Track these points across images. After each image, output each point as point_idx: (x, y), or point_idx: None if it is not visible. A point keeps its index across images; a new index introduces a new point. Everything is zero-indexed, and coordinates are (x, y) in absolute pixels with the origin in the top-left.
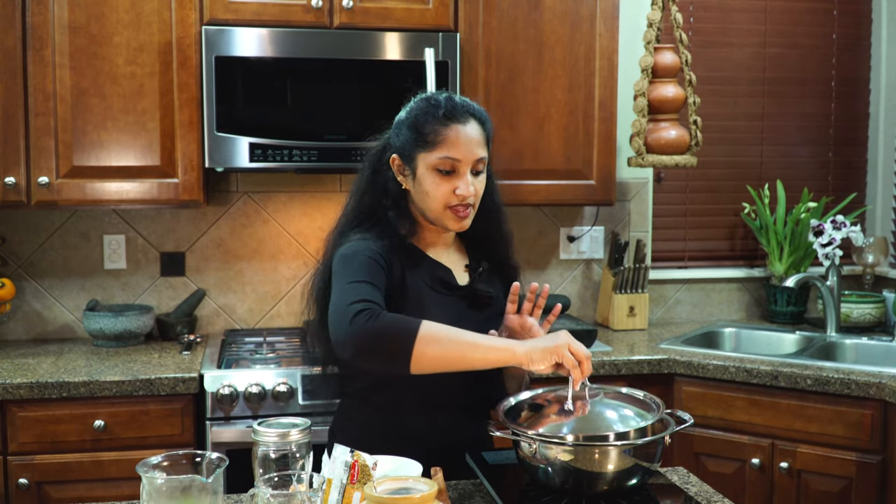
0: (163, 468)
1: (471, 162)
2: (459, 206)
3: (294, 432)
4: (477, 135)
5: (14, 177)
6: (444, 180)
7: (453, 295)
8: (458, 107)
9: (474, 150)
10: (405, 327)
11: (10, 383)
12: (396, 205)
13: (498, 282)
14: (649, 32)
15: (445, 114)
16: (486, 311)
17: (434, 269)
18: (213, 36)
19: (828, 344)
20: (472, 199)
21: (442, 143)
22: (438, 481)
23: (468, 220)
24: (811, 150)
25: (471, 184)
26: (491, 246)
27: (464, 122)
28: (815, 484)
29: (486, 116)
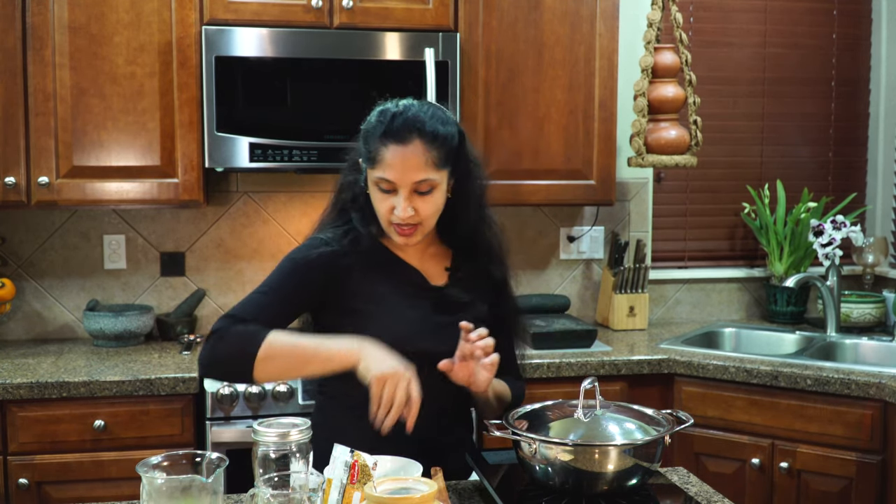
0: (163, 468)
1: (408, 184)
2: (401, 225)
3: (294, 432)
4: (417, 155)
5: (14, 177)
6: (385, 197)
7: (422, 297)
8: (403, 125)
9: (411, 173)
10: (244, 349)
11: (10, 383)
12: (362, 208)
13: (479, 288)
14: (649, 32)
15: (386, 132)
16: (456, 315)
17: (401, 270)
18: (213, 36)
19: (828, 344)
20: (415, 218)
21: (380, 162)
22: (438, 481)
23: (416, 238)
24: (811, 150)
25: (409, 205)
26: (471, 254)
27: (405, 141)
28: (815, 484)
29: (444, 135)
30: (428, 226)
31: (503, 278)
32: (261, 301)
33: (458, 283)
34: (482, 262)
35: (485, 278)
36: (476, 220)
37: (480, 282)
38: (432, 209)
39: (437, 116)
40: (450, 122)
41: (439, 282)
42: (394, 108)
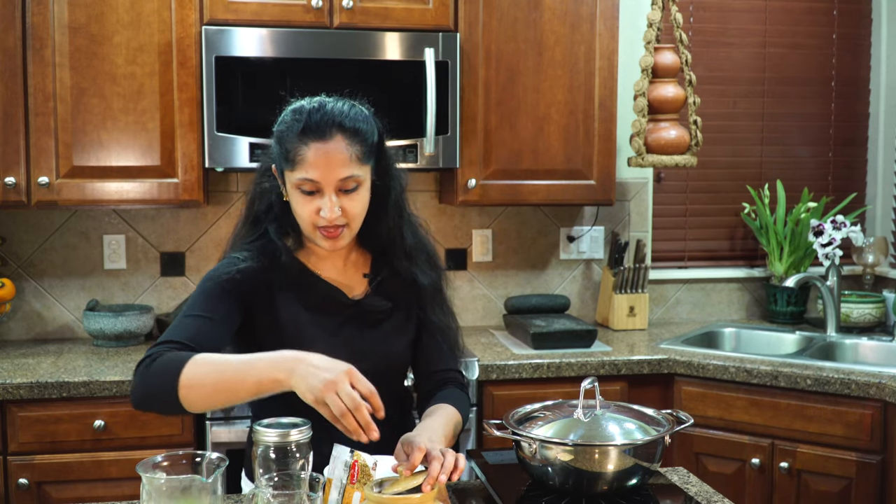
0: (163, 468)
1: (332, 182)
2: (328, 227)
3: (294, 432)
4: (341, 151)
5: (14, 177)
6: (308, 200)
7: (341, 314)
8: (321, 121)
9: (336, 170)
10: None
11: (10, 383)
12: (278, 218)
13: (401, 293)
14: (649, 32)
15: (304, 129)
16: (381, 325)
17: (319, 288)
18: (213, 36)
19: (828, 344)
20: (342, 219)
21: (301, 162)
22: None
23: (342, 241)
24: (811, 150)
25: (336, 205)
26: (389, 257)
27: (325, 138)
28: (815, 484)
29: (365, 128)
30: (355, 227)
31: (431, 283)
32: (189, 323)
33: (379, 289)
34: (404, 268)
35: (409, 282)
36: (397, 219)
37: (404, 286)
38: (359, 207)
39: (355, 111)
40: (369, 117)
41: (358, 292)
42: (309, 105)
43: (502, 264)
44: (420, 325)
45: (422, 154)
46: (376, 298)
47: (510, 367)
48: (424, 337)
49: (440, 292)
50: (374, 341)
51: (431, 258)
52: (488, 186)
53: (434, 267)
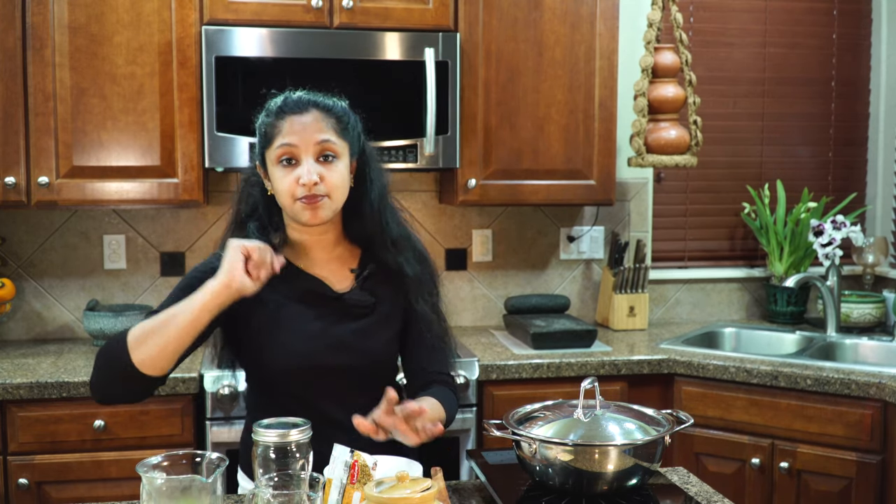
0: (163, 468)
1: (309, 146)
2: (307, 196)
3: (294, 432)
4: (316, 121)
5: (14, 177)
6: (288, 171)
7: (324, 306)
8: (296, 100)
9: (312, 134)
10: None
11: (10, 383)
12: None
13: (389, 287)
14: (649, 32)
15: (279, 108)
16: (363, 319)
17: (301, 281)
18: (213, 36)
19: (828, 344)
20: (321, 187)
21: (277, 134)
22: (438, 481)
23: (324, 212)
24: (811, 150)
25: (314, 171)
26: (376, 249)
27: (300, 112)
28: (815, 484)
29: (339, 109)
30: (336, 200)
31: (417, 275)
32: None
33: (364, 284)
34: (390, 258)
35: (397, 274)
36: (379, 211)
37: (392, 280)
38: (338, 179)
39: (330, 98)
40: (345, 105)
41: (343, 286)
42: (286, 94)
43: (502, 264)
44: (407, 319)
45: (422, 154)
46: (360, 293)
47: (510, 367)
48: (413, 332)
49: (428, 286)
50: (356, 335)
51: (418, 251)
52: (488, 186)
53: (421, 260)
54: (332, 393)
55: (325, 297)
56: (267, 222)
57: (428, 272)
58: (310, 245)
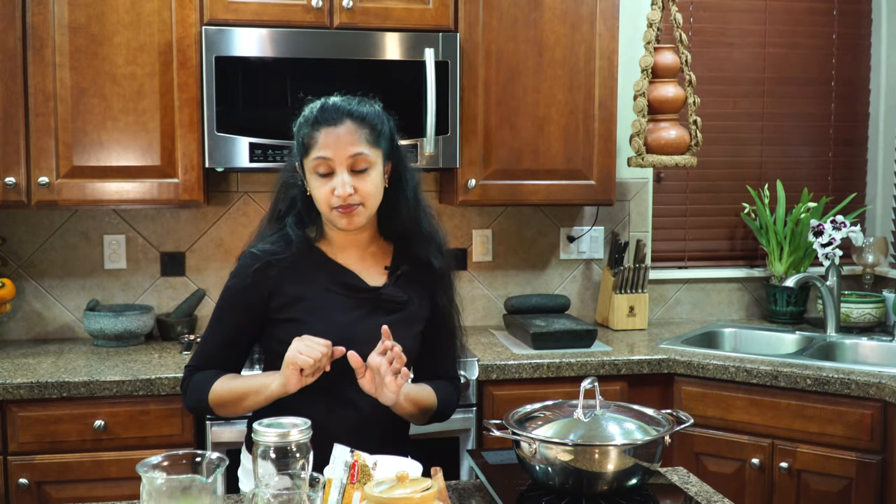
0: (163, 468)
1: (343, 159)
2: (342, 206)
3: (294, 432)
4: (351, 133)
5: (14, 177)
6: (324, 182)
7: (358, 299)
8: (330, 110)
9: (345, 147)
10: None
11: (10, 383)
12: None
13: (418, 285)
14: (649, 32)
15: (315, 119)
16: (393, 315)
17: (337, 273)
18: (213, 36)
19: (828, 344)
20: (355, 197)
21: (314, 146)
22: (438, 481)
23: (359, 219)
24: (811, 150)
25: (348, 183)
26: (411, 246)
27: (335, 123)
28: (815, 484)
29: (373, 116)
30: (370, 206)
31: (443, 269)
32: (208, 346)
33: (398, 281)
34: (423, 253)
35: (426, 271)
36: (415, 208)
37: (421, 277)
38: (371, 188)
39: (364, 103)
40: (379, 111)
41: (376, 282)
42: (322, 101)
43: (502, 264)
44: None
45: (422, 154)
46: (394, 289)
47: (510, 367)
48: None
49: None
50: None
51: (441, 247)
52: (488, 186)
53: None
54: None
55: (360, 289)
56: (305, 217)
57: (448, 266)
58: (345, 242)
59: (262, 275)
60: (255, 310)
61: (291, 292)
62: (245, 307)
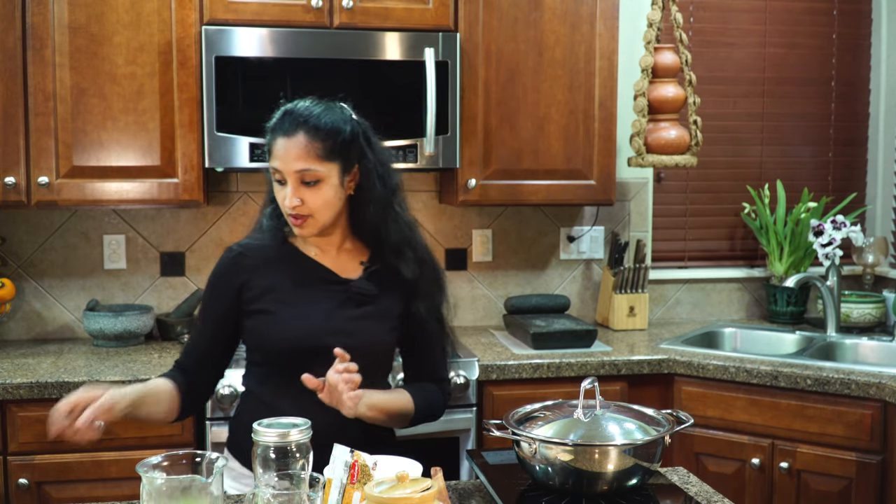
0: (163, 468)
1: (291, 173)
2: (293, 216)
3: (294, 432)
4: (300, 147)
5: (14, 177)
6: (280, 189)
7: (328, 291)
8: (288, 119)
9: (293, 162)
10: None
11: (10, 383)
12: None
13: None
14: (649, 32)
15: (274, 126)
16: (363, 307)
17: (308, 266)
18: (213, 36)
19: (828, 344)
20: (304, 209)
21: (271, 154)
22: (438, 481)
23: (310, 229)
24: (811, 150)
25: (294, 195)
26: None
27: (288, 134)
28: (815, 484)
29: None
30: (321, 218)
31: (416, 278)
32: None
33: (372, 276)
34: (393, 261)
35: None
36: (380, 217)
37: (395, 279)
38: (320, 201)
39: (325, 113)
40: (341, 119)
41: (352, 276)
42: (287, 106)
43: (502, 264)
44: (410, 323)
45: (422, 154)
46: (365, 283)
47: (510, 367)
48: (412, 335)
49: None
50: (356, 321)
51: (420, 256)
52: (488, 186)
53: (422, 264)
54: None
55: (331, 281)
56: (281, 211)
57: (430, 276)
58: (316, 239)
59: (235, 267)
60: (230, 302)
61: (262, 284)
62: (221, 299)
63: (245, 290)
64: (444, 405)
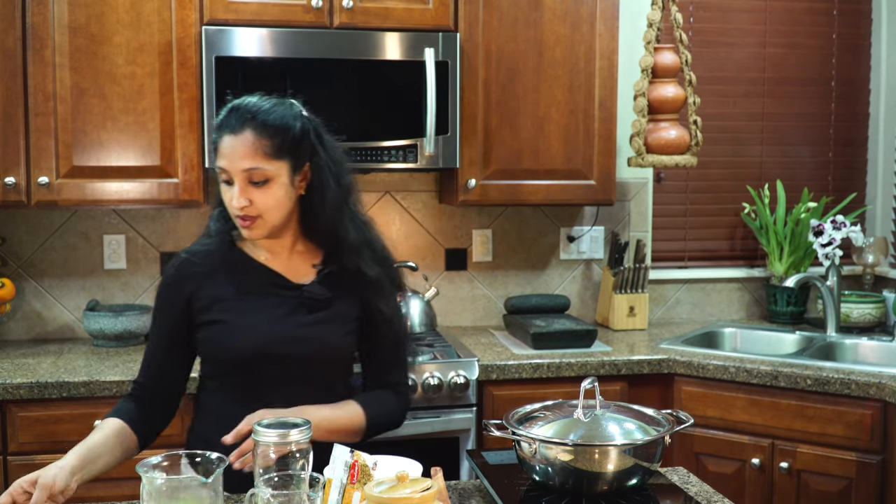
0: (163, 468)
1: (237, 172)
2: (240, 216)
3: (294, 432)
4: (248, 145)
5: (14, 177)
6: (226, 189)
7: (280, 297)
8: (235, 115)
9: (240, 161)
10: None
11: (10, 383)
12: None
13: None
14: (649, 32)
15: (221, 123)
16: (318, 313)
17: (257, 272)
18: (213, 36)
19: (828, 344)
20: (252, 209)
21: (217, 153)
22: (438, 481)
23: (259, 230)
24: (811, 150)
25: (243, 196)
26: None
27: (234, 132)
28: (815, 484)
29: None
30: (270, 219)
31: (377, 277)
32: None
33: (325, 279)
34: (350, 262)
35: (357, 277)
36: (333, 218)
37: (352, 280)
38: (270, 202)
39: (274, 109)
40: (290, 115)
41: (305, 280)
42: (234, 102)
43: (502, 264)
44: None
45: (422, 154)
46: (318, 287)
47: (510, 367)
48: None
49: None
50: (308, 327)
51: (379, 255)
52: (488, 186)
53: (382, 263)
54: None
55: (282, 287)
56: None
57: (388, 276)
58: (267, 242)
59: (181, 276)
60: (180, 313)
61: (211, 294)
62: (171, 311)
63: (194, 299)
64: (402, 412)
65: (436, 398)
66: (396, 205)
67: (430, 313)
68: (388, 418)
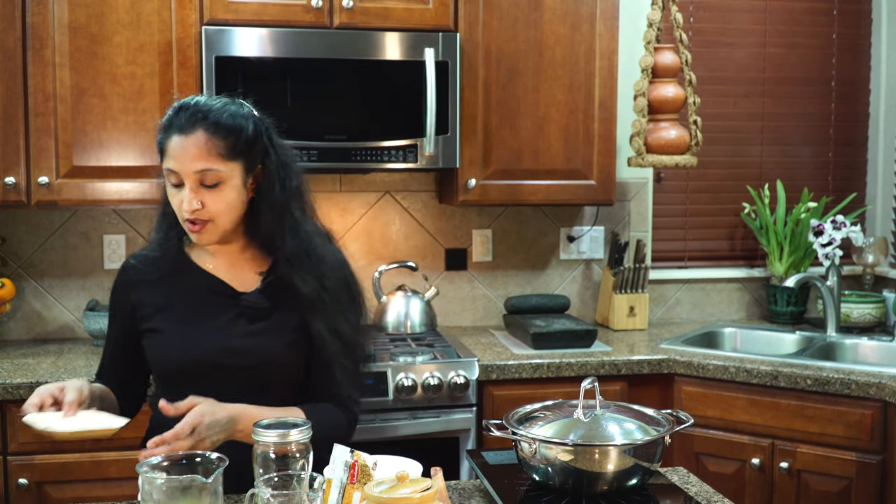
0: (163, 468)
1: (190, 174)
2: (191, 220)
3: (294, 432)
4: (200, 146)
5: (14, 177)
6: (175, 192)
7: (221, 306)
8: (184, 115)
9: (192, 161)
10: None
11: (10, 383)
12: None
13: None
14: (649, 32)
15: (169, 122)
16: (259, 322)
17: (201, 279)
18: (213, 36)
19: (828, 344)
20: (204, 213)
21: (166, 154)
22: (438, 481)
23: (210, 235)
24: (811, 150)
25: (194, 198)
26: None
27: (185, 132)
28: (815, 484)
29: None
30: (221, 223)
31: (312, 293)
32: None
33: (268, 288)
34: (287, 274)
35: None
36: (275, 224)
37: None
38: (222, 205)
39: (226, 109)
40: (242, 115)
41: (249, 287)
42: (182, 101)
43: (502, 264)
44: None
45: (422, 154)
46: (258, 296)
47: (510, 367)
48: (315, 353)
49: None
50: (248, 337)
51: (321, 269)
52: (488, 186)
53: (325, 279)
54: (228, 394)
55: (223, 295)
56: (174, 219)
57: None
58: (214, 248)
59: (127, 283)
60: (127, 320)
61: (155, 302)
62: (119, 319)
63: (139, 307)
64: (349, 426)
65: (436, 398)
66: (396, 205)
67: (430, 313)
68: (332, 432)
